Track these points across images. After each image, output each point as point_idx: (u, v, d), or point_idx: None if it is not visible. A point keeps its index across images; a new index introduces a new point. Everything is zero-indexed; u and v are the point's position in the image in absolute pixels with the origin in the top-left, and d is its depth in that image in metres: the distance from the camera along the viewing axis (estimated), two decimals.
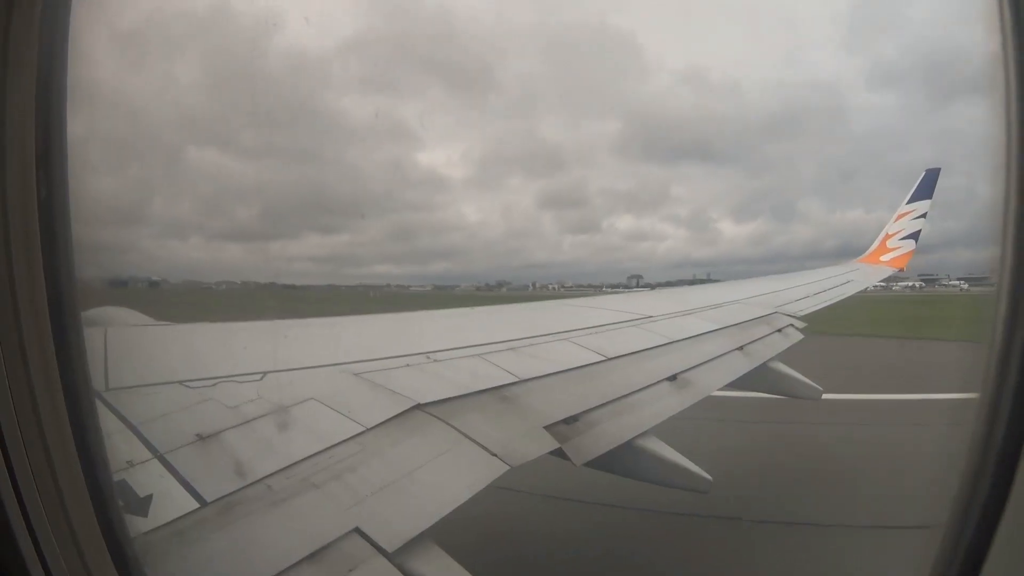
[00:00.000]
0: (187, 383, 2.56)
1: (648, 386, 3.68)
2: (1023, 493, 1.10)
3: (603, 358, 3.90)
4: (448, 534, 2.11)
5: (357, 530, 1.93)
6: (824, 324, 7.32)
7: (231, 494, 1.93)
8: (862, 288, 9.66)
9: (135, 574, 1.48)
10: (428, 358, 3.36)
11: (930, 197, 12.22)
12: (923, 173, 12.50)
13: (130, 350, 2.86)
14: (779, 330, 5.76)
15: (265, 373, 2.77)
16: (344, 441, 2.33)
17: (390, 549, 1.90)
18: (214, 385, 2.57)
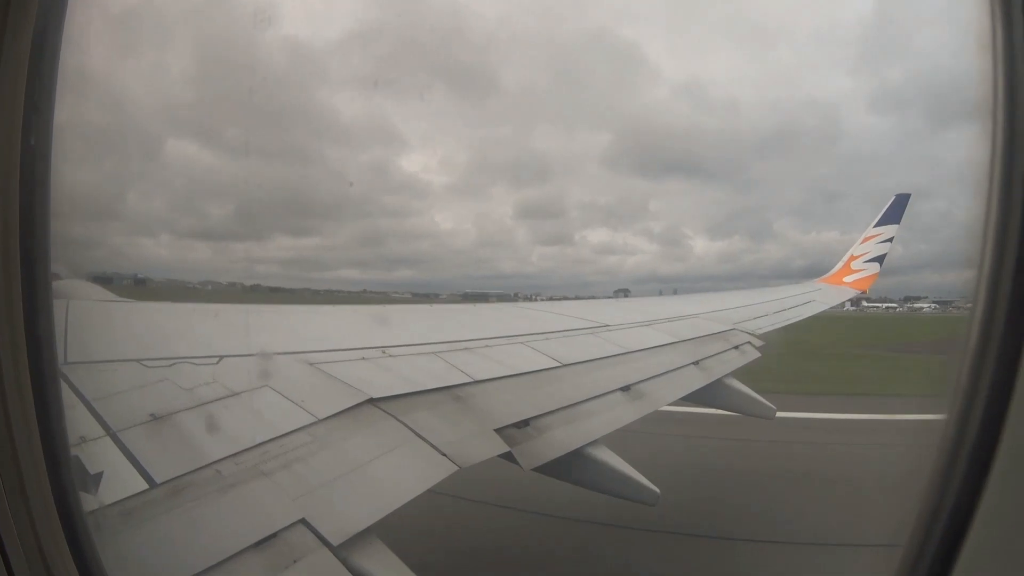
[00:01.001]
0: (144, 362, 2.63)
1: (601, 395, 3.86)
2: (987, 514, 1.17)
3: (558, 364, 4.08)
4: (393, 531, 2.25)
5: (303, 521, 2.04)
6: None
7: (181, 476, 2.03)
8: (823, 308, 10.13)
9: (87, 551, 1.58)
10: (384, 352, 3.48)
11: (898, 222, 12.85)
12: (893, 197, 13.17)
13: (91, 325, 2.91)
14: (736, 347, 6.02)
15: (222, 357, 2.87)
16: (295, 431, 2.45)
17: (335, 542, 2.01)
18: (171, 365, 2.66)
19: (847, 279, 12.38)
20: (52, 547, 1.51)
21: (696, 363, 5.15)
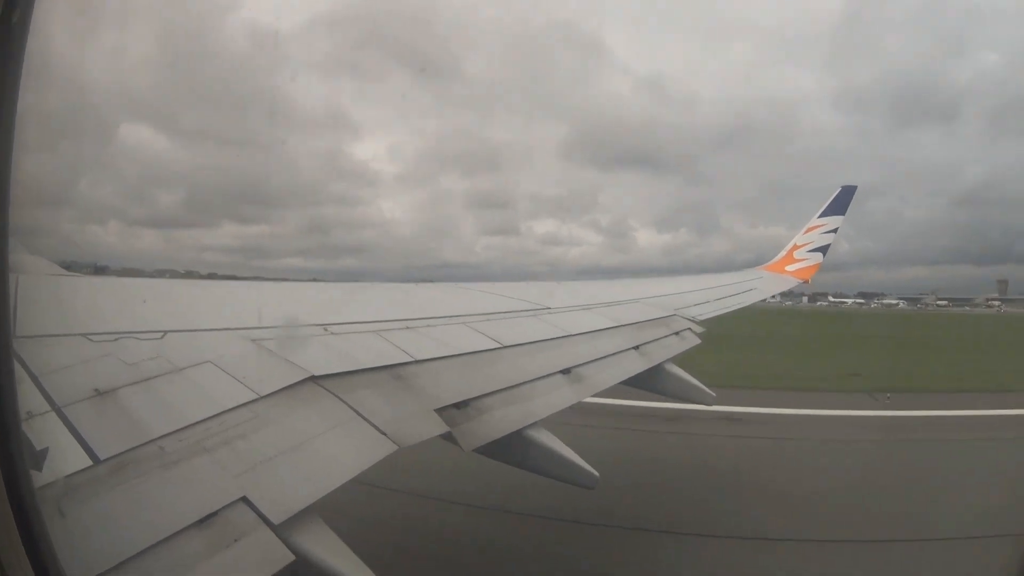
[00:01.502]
0: (90, 336, 2.65)
1: (541, 377, 4.02)
2: None
3: (498, 345, 4.21)
4: (333, 510, 2.36)
5: (245, 499, 2.12)
6: None
7: (124, 453, 2.08)
8: (765, 296, 10.55)
9: (36, 530, 1.64)
10: (326, 330, 3.55)
11: (843, 213, 13.33)
12: (838, 189, 13.67)
13: (39, 299, 2.89)
14: (677, 333, 6.25)
15: (166, 332, 2.90)
16: (237, 407, 2.52)
17: (276, 521, 2.09)
18: (115, 340, 2.68)
19: (789, 268, 12.76)
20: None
21: (636, 348, 5.35)
